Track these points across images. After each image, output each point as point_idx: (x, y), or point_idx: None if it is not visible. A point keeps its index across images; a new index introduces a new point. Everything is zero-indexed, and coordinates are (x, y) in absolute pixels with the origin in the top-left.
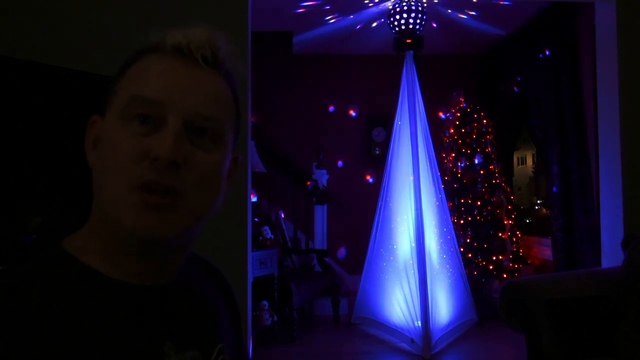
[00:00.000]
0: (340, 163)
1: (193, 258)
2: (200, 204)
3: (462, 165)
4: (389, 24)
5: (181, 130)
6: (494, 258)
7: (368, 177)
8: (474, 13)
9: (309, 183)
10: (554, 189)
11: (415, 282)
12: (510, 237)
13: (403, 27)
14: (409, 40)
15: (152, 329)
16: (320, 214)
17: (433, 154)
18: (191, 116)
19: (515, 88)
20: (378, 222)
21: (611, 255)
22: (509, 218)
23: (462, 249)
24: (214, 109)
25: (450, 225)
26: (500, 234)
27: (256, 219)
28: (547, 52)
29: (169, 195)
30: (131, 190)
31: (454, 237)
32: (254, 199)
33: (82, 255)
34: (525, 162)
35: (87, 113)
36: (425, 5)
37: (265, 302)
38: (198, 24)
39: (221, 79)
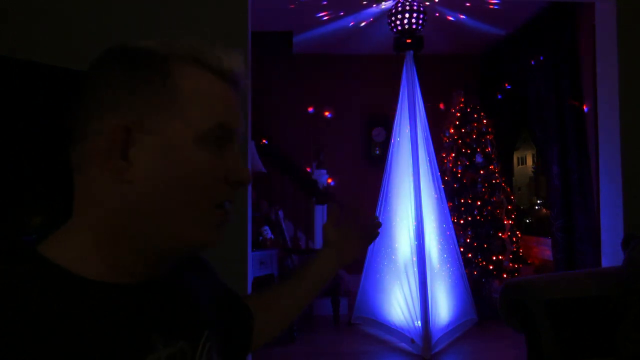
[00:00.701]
0: (340, 163)
1: None
2: None
3: (462, 165)
4: (389, 24)
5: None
6: (494, 258)
7: (368, 177)
8: (472, 14)
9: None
10: (554, 189)
11: (415, 282)
12: (510, 237)
13: (403, 27)
14: (409, 40)
15: (138, 323)
16: (320, 214)
17: (433, 154)
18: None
19: (515, 88)
20: None
21: (611, 255)
22: (509, 218)
23: (462, 249)
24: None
25: (450, 225)
26: (500, 234)
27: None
28: (547, 52)
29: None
30: (212, 209)
31: (454, 237)
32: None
33: (61, 260)
34: (525, 162)
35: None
36: (425, 5)
37: None
38: (235, 49)
39: None
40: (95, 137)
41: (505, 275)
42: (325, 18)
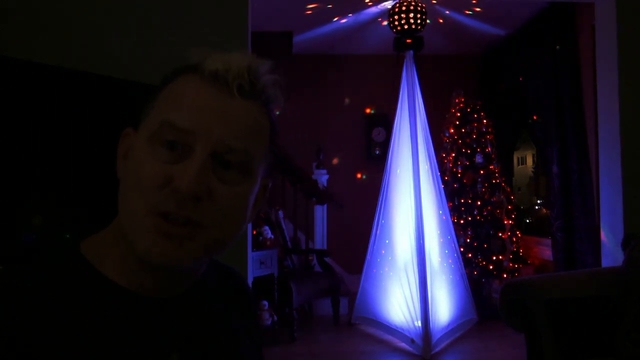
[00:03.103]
0: (340, 163)
1: (211, 263)
2: (221, 234)
3: (462, 165)
4: (389, 24)
5: (207, 162)
6: (494, 258)
7: (368, 177)
8: (473, 13)
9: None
10: (554, 189)
11: (415, 282)
12: (510, 237)
13: (403, 27)
14: (409, 40)
15: (160, 340)
16: (320, 214)
17: (433, 154)
18: (220, 148)
19: (515, 88)
20: (378, 222)
21: (611, 255)
22: (509, 218)
23: (462, 249)
24: (244, 142)
25: (450, 225)
26: (500, 234)
27: None
28: (547, 52)
29: (186, 226)
30: (147, 215)
31: (454, 237)
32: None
33: (97, 262)
34: (525, 162)
35: (88, 114)
36: (425, 5)
37: (265, 302)
38: (242, 51)
39: (257, 109)
40: None
41: (505, 275)
42: (327, 17)
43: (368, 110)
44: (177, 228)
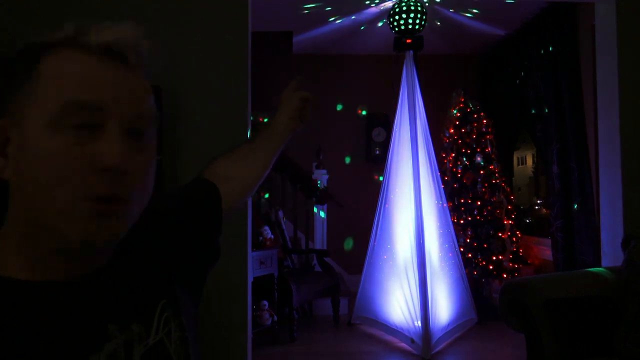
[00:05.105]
0: (340, 163)
1: None
2: (139, 206)
3: (462, 165)
4: (389, 24)
5: (123, 135)
6: (494, 258)
7: (368, 177)
8: (472, 14)
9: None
10: (554, 189)
11: (415, 282)
12: (510, 237)
13: (403, 27)
14: (409, 40)
15: (92, 317)
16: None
17: (433, 154)
18: (129, 119)
19: (515, 88)
20: (378, 222)
21: (611, 255)
22: (509, 218)
23: (462, 249)
24: (148, 110)
25: (451, 225)
26: (500, 234)
27: None
28: (547, 52)
29: (118, 202)
30: (81, 201)
31: (454, 237)
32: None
33: None
34: (525, 162)
35: None
36: (425, 5)
37: (265, 302)
38: (119, 21)
39: (143, 77)
40: None
41: (505, 275)
42: (327, 17)
43: (368, 111)
44: (111, 206)
